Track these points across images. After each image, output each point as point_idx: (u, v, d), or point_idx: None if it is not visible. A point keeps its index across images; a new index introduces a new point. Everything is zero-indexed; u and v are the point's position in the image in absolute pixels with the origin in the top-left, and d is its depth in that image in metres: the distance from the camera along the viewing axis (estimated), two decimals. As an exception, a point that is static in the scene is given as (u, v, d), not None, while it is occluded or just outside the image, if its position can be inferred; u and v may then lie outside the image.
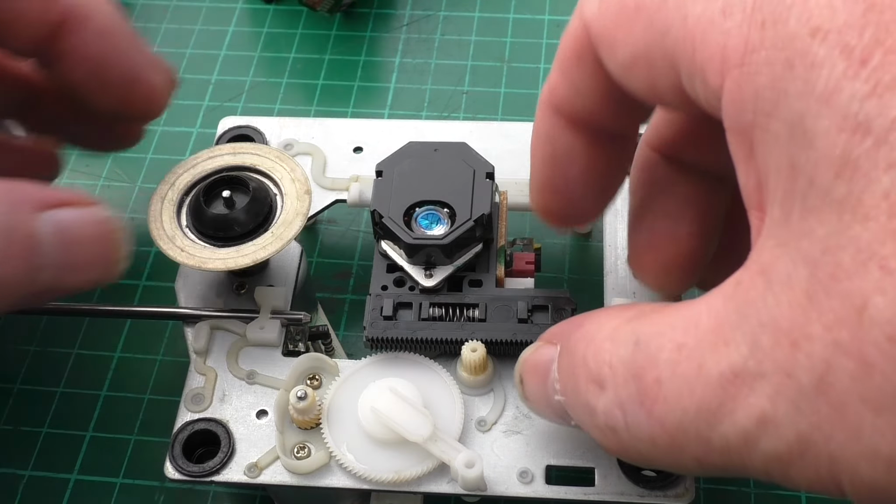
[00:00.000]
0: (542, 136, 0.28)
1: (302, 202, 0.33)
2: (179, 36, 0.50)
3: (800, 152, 0.19)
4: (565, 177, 0.28)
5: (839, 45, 0.18)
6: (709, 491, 0.34)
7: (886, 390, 0.17)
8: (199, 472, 0.30)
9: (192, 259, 0.31)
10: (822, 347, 0.18)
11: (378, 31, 0.49)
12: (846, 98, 0.18)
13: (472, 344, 0.31)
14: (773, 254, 0.20)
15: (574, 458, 0.30)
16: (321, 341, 0.35)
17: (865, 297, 0.17)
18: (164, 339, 0.39)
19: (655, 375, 0.22)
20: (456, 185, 0.32)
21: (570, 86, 0.26)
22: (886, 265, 0.17)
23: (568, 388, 0.25)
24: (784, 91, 0.19)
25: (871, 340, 0.17)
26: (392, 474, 0.29)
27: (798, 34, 0.19)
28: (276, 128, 0.38)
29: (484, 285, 0.32)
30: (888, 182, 0.17)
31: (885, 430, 0.17)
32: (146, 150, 0.45)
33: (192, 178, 0.34)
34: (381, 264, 0.33)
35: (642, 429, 0.22)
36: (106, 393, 0.38)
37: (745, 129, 0.21)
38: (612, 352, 0.23)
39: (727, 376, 0.20)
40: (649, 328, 0.23)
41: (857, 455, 0.18)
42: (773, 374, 0.19)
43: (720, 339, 0.20)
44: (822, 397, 0.18)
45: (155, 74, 0.34)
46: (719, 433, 0.20)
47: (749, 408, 0.20)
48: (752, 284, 0.20)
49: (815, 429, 0.19)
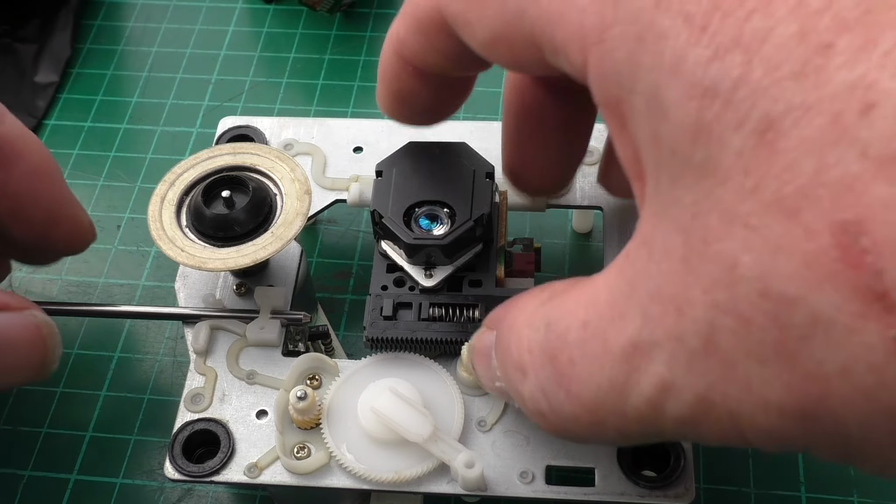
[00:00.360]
0: (391, 79, 0.29)
1: (302, 202, 0.33)
2: (179, 36, 0.50)
3: (659, 124, 0.19)
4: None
5: (681, 14, 0.19)
6: (709, 491, 0.34)
7: (766, 342, 0.18)
8: (199, 472, 0.30)
9: (193, 259, 0.31)
10: (703, 310, 0.19)
11: (378, 31, 0.49)
12: (691, 65, 0.18)
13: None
14: (651, 223, 0.20)
15: (574, 459, 0.30)
16: (321, 341, 0.35)
17: (735, 257, 0.18)
18: (164, 339, 0.39)
19: (568, 356, 0.22)
20: (456, 184, 0.32)
21: (426, 46, 0.27)
22: (748, 223, 0.18)
23: (503, 375, 0.26)
24: (638, 64, 0.19)
25: (744, 297, 0.18)
26: (392, 474, 0.29)
27: (644, 7, 0.19)
28: (276, 128, 0.38)
29: (484, 285, 0.32)
30: (739, 141, 0.18)
31: (771, 380, 0.18)
32: (146, 150, 0.45)
33: (192, 177, 0.34)
34: (381, 264, 0.33)
35: (565, 409, 0.23)
36: (106, 393, 0.38)
37: (612, 103, 0.21)
38: (530, 337, 0.24)
39: (628, 349, 0.21)
40: (558, 309, 0.23)
41: (751, 407, 0.19)
42: (665, 341, 0.20)
43: (616, 313, 0.21)
44: (711, 357, 0.19)
45: (77, 218, 0.34)
46: (631, 404, 0.21)
47: (650, 376, 0.20)
48: (637, 256, 0.21)
49: (711, 388, 0.19)
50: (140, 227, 0.43)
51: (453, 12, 0.25)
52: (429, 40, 0.27)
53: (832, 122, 0.17)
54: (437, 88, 0.29)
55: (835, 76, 0.17)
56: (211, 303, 0.34)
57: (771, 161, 0.17)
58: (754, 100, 0.17)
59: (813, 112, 0.17)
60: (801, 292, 0.17)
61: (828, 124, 0.17)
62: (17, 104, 0.47)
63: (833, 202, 0.17)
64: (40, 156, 0.33)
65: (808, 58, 0.17)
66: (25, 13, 0.50)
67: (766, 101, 0.17)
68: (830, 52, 0.17)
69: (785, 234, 0.17)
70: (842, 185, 0.16)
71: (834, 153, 0.17)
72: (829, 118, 0.17)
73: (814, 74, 0.17)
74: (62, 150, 0.46)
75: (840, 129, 0.16)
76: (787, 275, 0.17)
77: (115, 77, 0.49)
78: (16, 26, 0.49)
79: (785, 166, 0.17)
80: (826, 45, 0.17)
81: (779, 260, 0.17)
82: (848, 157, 0.16)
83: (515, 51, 0.24)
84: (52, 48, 0.49)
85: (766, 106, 0.17)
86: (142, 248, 0.42)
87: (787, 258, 0.17)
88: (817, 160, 0.17)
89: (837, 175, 0.16)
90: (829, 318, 0.17)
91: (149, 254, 0.42)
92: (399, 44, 0.28)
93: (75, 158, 0.45)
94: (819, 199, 0.17)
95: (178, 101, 0.47)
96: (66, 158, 0.45)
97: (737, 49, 0.18)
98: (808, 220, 0.17)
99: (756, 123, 0.17)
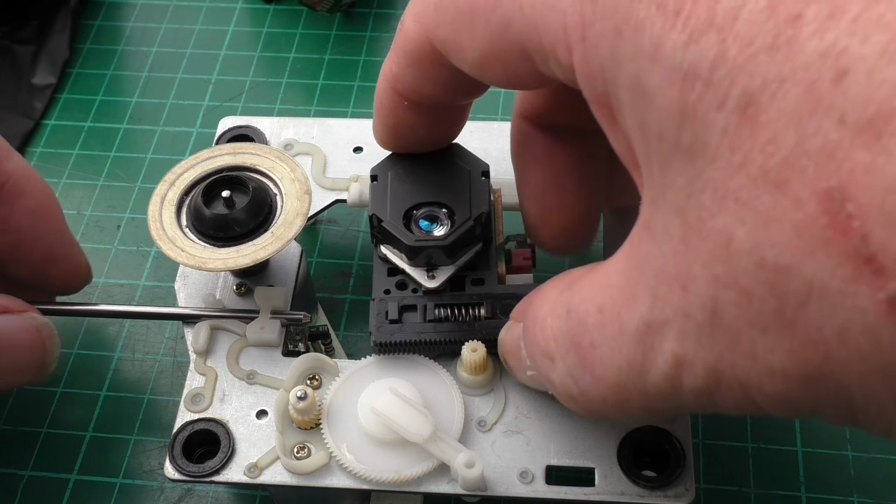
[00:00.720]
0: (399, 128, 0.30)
1: (302, 202, 0.33)
2: (179, 36, 0.50)
3: (645, 112, 0.20)
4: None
5: (654, 3, 0.19)
6: (709, 491, 0.34)
7: (766, 311, 0.18)
8: (199, 472, 0.30)
9: (193, 259, 0.31)
10: (705, 285, 0.19)
11: (378, 31, 0.49)
12: (669, 51, 0.19)
13: (472, 344, 0.31)
14: (650, 209, 0.21)
15: (574, 458, 0.30)
16: (321, 341, 0.35)
17: (730, 231, 0.18)
18: (164, 339, 0.39)
19: (589, 339, 0.23)
20: (453, 185, 0.32)
21: (419, 78, 0.28)
22: (739, 197, 0.18)
23: (533, 364, 0.26)
24: (619, 57, 0.20)
25: (742, 270, 0.18)
26: (392, 474, 0.29)
27: (620, 1, 0.20)
28: (276, 128, 0.38)
29: (486, 283, 0.32)
30: (723, 120, 0.18)
31: (773, 347, 0.19)
32: (146, 150, 0.45)
33: (192, 177, 0.34)
34: (381, 268, 0.33)
35: (592, 392, 0.24)
36: (106, 393, 0.38)
37: (600, 98, 0.21)
38: (553, 325, 0.25)
39: (641, 328, 0.21)
40: (577, 295, 0.24)
41: (759, 375, 0.19)
42: (674, 318, 0.20)
43: (629, 295, 0.22)
44: (717, 330, 0.19)
45: (75, 258, 0.35)
46: (651, 382, 0.22)
47: (665, 353, 0.21)
48: (640, 240, 0.21)
49: (720, 359, 0.20)
50: (140, 227, 0.43)
51: (443, 38, 0.25)
52: (422, 72, 0.27)
53: (807, 91, 0.17)
54: (433, 119, 0.30)
55: (806, 46, 0.17)
56: (211, 303, 0.34)
57: (754, 136, 0.18)
58: (732, 77, 0.18)
59: (788, 83, 0.17)
60: (795, 261, 0.17)
61: (803, 94, 0.17)
62: (15, 106, 0.47)
63: (817, 171, 0.17)
64: (43, 194, 0.34)
65: (779, 30, 0.17)
66: (23, 15, 0.50)
67: (743, 78, 0.18)
68: (800, 23, 0.17)
69: (775, 206, 0.18)
70: (823, 154, 0.17)
71: (812, 122, 0.17)
72: (803, 88, 0.17)
73: (785, 46, 0.17)
74: (62, 150, 0.46)
75: (816, 98, 0.17)
76: (780, 244, 0.18)
77: (115, 77, 0.49)
78: (14, 28, 0.49)
79: (768, 139, 0.17)
80: (795, 16, 0.17)
81: (771, 231, 0.18)
82: (826, 126, 0.17)
83: (508, 66, 0.24)
84: (50, 50, 0.49)
85: (744, 82, 0.18)
86: (142, 248, 0.42)
87: (779, 228, 0.18)
88: (797, 131, 0.17)
89: (818, 144, 0.17)
90: (822, 284, 0.17)
91: (149, 254, 0.42)
92: (393, 79, 0.28)
93: (75, 158, 0.45)
94: (803, 168, 0.17)
95: (178, 101, 0.47)
96: (66, 158, 0.45)
97: (711, 30, 0.18)
98: (796, 190, 0.17)
99: (737, 101, 0.18)
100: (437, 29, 0.26)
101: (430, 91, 0.28)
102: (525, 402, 0.31)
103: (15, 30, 0.49)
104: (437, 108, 0.29)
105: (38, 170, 0.44)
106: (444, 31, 0.25)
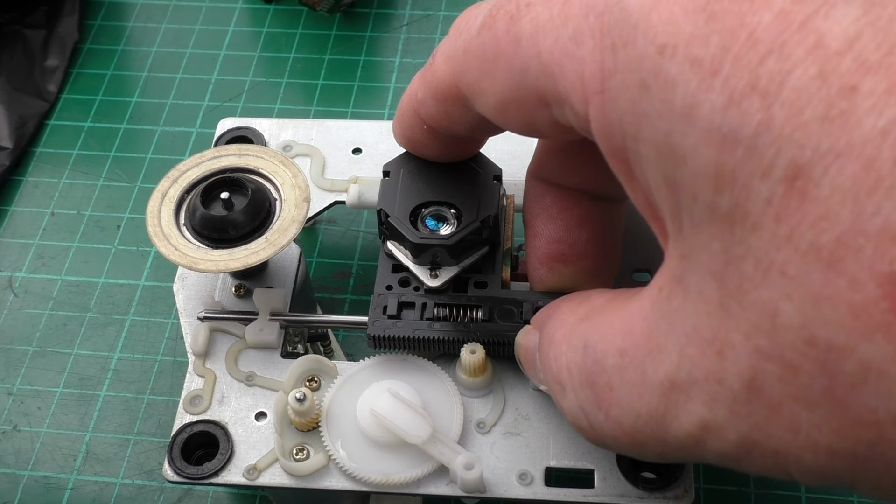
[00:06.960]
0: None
1: (300, 209, 0.32)
2: (179, 36, 0.50)
3: (674, 170, 0.19)
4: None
5: (688, 59, 0.18)
6: (709, 491, 0.34)
7: (814, 388, 0.18)
8: (198, 474, 0.30)
9: (185, 259, 0.31)
10: (745, 355, 0.19)
11: (378, 31, 0.49)
12: (706, 111, 0.18)
13: (471, 346, 0.31)
14: (681, 265, 0.20)
15: (574, 460, 0.30)
16: (320, 343, 0.35)
17: (775, 305, 0.18)
18: (164, 339, 0.39)
19: (606, 381, 0.23)
20: (463, 186, 0.32)
21: (442, 113, 0.28)
22: (786, 271, 0.18)
23: (545, 382, 0.26)
24: (644, 113, 0.19)
25: (789, 345, 0.18)
26: (391, 476, 0.29)
27: (647, 54, 0.19)
28: (275, 129, 0.38)
29: (489, 287, 0.32)
30: (767, 189, 0.18)
31: (820, 424, 0.18)
32: (146, 150, 0.45)
33: (195, 176, 0.33)
34: (386, 264, 0.33)
35: (605, 430, 0.23)
36: (106, 393, 0.38)
37: (618, 152, 0.21)
38: (568, 356, 0.24)
39: (665, 384, 0.21)
40: (595, 331, 0.23)
41: (799, 448, 0.19)
42: (704, 382, 0.20)
43: (654, 346, 0.21)
44: (755, 400, 0.19)
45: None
46: (671, 435, 0.21)
47: (690, 414, 0.21)
48: (670, 292, 0.21)
49: (755, 428, 0.19)
50: (140, 227, 0.43)
51: (468, 83, 0.25)
52: (445, 110, 0.28)
53: (866, 168, 0.16)
54: (449, 144, 0.30)
55: (864, 121, 0.16)
56: (210, 304, 0.34)
57: (804, 209, 0.17)
58: (779, 146, 0.17)
59: (843, 159, 0.17)
60: (851, 342, 0.17)
61: (861, 171, 0.16)
62: (29, 88, 0.48)
63: (876, 253, 0.16)
64: None
65: (832, 101, 0.17)
66: (33, 1, 0.51)
67: (791, 147, 0.17)
68: (855, 96, 0.17)
69: (827, 284, 0.17)
70: (885, 236, 0.16)
71: (871, 202, 0.16)
72: (862, 165, 0.16)
73: (840, 119, 0.17)
74: (62, 150, 0.46)
75: (875, 176, 0.16)
76: (834, 324, 0.17)
77: (115, 77, 0.49)
78: (23, 13, 0.50)
79: (820, 215, 0.17)
80: (850, 88, 0.17)
81: (823, 309, 0.17)
82: (887, 207, 0.16)
83: (525, 112, 0.24)
84: (60, 33, 0.50)
85: (793, 152, 0.17)
86: (142, 248, 0.42)
87: (833, 308, 0.17)
88: (854, 209, 0.17)
89: (879, 224, 0.16)
90: (880, 367, 0.17)
91: (149, 254, 0.42)
92: (417, 104, 0.29)
93: (75, 158, 0.45)
94: (861, 248, 0.17)
95: (178, 102, 0.47)
96: (66, 158, 0.45)
97: (754, 94, 0.17)
98: (852, 271, 0.17)
99: (784, 170, 0.17)
100: (465, 74, 0.26)
101: (451, 127, 0.28)
102: (524, 403, 0.31)
103: (25, 15, 0.50)
104: (454, 138, 0.30)
105: (39, 170, 0.45)
106: (470, 76, 0.25)
